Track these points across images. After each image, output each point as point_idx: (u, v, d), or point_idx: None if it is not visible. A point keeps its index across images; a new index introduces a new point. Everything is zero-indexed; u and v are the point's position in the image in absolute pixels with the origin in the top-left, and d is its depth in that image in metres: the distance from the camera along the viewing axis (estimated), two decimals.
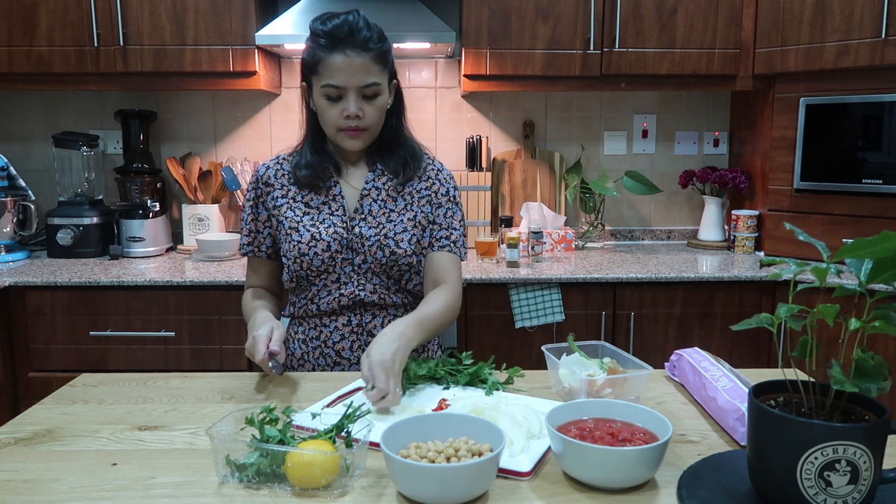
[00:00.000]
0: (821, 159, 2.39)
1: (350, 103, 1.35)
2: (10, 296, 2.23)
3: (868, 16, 2.22)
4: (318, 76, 1.36)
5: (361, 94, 1.36)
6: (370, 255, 1.43)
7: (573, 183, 2.79)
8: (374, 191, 1.47)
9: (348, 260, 1.43)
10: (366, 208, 1.45)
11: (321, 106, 1.38)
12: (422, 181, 1.50)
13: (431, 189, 1.50)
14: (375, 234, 1.43)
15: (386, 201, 1.47)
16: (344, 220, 1.44)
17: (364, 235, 1.43)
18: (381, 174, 1.48)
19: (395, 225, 1.45)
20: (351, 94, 1.35)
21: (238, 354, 2.25)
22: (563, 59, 2.45)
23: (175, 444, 1.05)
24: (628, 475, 0.88)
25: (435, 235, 1.48)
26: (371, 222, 1.44)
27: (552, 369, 1.24)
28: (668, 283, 2.29)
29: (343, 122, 1.37)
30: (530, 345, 2.30)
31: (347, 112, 1.36)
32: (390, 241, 1.43)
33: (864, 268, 0.79)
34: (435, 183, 1.50)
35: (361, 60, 1.34)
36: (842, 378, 0.77)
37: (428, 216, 1.48)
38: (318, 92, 1.37)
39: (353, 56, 1.33)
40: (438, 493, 0.84)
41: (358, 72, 1.34)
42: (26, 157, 2.83)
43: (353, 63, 1.33)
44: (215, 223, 2.71)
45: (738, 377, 1.14)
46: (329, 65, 1.34)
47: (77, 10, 2.38)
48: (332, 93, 1.35)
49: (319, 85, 1.36)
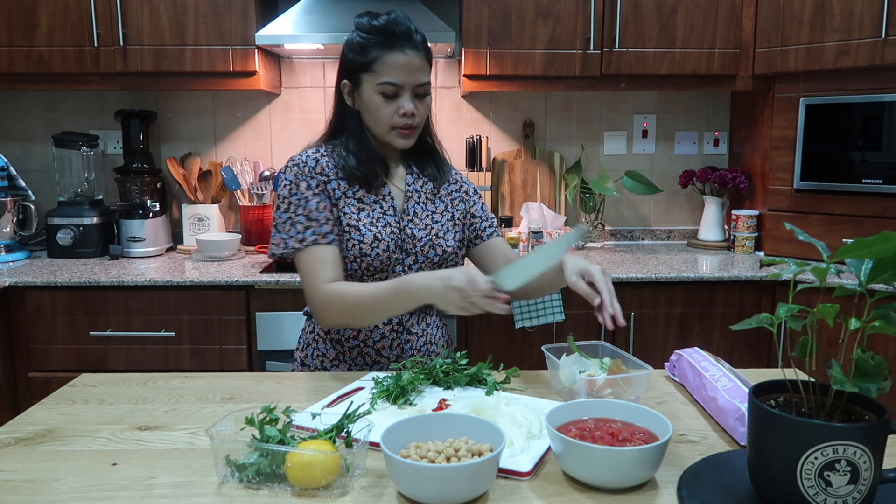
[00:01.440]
0: (821, 159, 2.39)
1: (407, 102, 1.36)
2: (10, 296, 2.23)
3: (868, 16, 2.22)
4: (374, 74, 1.35)
5: (415, 92, 1.37)
6: (422, 255, 1.44)
7: (573, 183, 2.79)
8: (415, 193, 1.48)
9: (400, 260, 1.43)
10: (412, 209, 1.46)
11: (375, 104, 1.37)
12: (451, 184, 1.54)
13: (460, 190, 1.55)
14: (426, 235, 1.45)
15: (426, 204, 1.49)
16: (396, 220, 1.44)
17: (416, 236, 1.44)
18: (419, 177, 1.50)
19: (440, 226, 1.47)
20: (407, 93, 1.36)
21: (238, 354, 2.25)
22: (563, 59, 2.45)
23: (175, 444, 1.05)
24: (628, 475, 0.88)
25: (480, 227, 1.54)
26: (419, 223, 1.45)
27: (552, 369, 1.24)
28: (668, 283, 2.29)
29: (398, 119, 1.37)
30: (530, 345, 2.30)
31: (404, 110, 1.36)
32: (441, 241, 1.45)
33: (864, 268, 0.79)
34: (462, 184, 1.56)
35: (418, 60, 1.36)
36: (842, 378, 0.77)
37: (464, 214, 1.53)
38: (372, 89, 1.36)
39: (412, 55, 1.35)
40: (438, 493, 0.84)
41: (416, 71, 1.35)
42: (26, 157, 2.83)
43: (412, 62, 1.35)
44: (215, 223, 2.71)
45: (738, 377, 1.14)
46: (388, 62, 1.34)
47: (77, 10, 2.38)
48: (390, 90, 1.35)
49: (375, 82, 1.35)
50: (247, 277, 2.22)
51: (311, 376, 1.36)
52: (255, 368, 2.27)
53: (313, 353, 1.49)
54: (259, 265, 2.42)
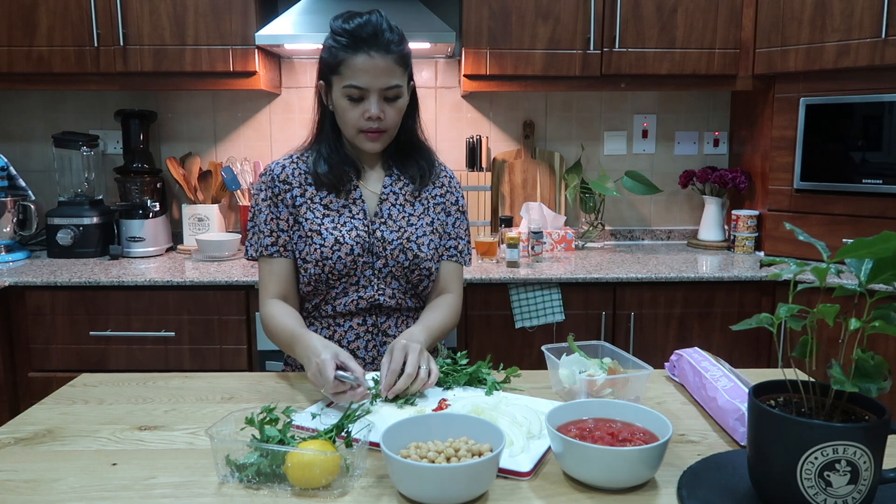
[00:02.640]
0: (821, 159, 2.39)
1: (372, 105, 1.35)
2: (10, 296, 2.23)
3: (868, 16, 2.22)
4: (340, 76, 1.35)
5: (383, 95, 1.36)
6: (392, 259, 1.43)
7: (573, 183, 2.79)
8: (392, 195, 1.47)
9: (369, 264, 1.42)
10: (385, 212, 1.45)
11: (342, 106, 1.37)
12: (436, 187, 1.52)
13: (445, 197, 1.52)
14: (398, 238, 1.43)
15: (404, 206, 1.47)
16: (365, 224, 1.43)
17: (386, 239, 1.43)
18: (398, 179, 1.49)
19: (415, 229, 1.46)
20: (373, 96, 1.35)
21: (238, 354, 2.25)
22: (563, 59, 2.45)
23: (175, 444, 1.05)
24: (628, 475, 0.88)
25: (444, 245, 1.52)
26: (392, 226, 1.44)
27: (552, 369, 1.24)
28: (668, 283, 2.29)
29: (364, 123, 1.37)
30: (530, 345, 2.30)
31: (369, 114, 1.35)
32: (412, 245, 1.44)
33: (864, 268, 0.79)
34: (448, 191, 1.53)
35: (385, 62, 1.34)
36: (842, 378, 0.78)
37: (443, 223, 1.51)
38: (339, 92, 1.36)
39: (378, 58, 1.33)
40: (438, 493, 0.84)
41: (381, 74, 1.34)
42: (26, 157, 2.83)
43: (377, 65, 1.33)
44: (215, 223, 2.71)
45: (738, 377, 1.14)
46: (352, 65, 1.33)
47: (77, 10, 2.38)
48: (355, 93, 1.35)
49: (341, 85, 1.35)
50: (247, 277, 2.22)
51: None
52: (255, 368, 2.27)
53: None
54: None
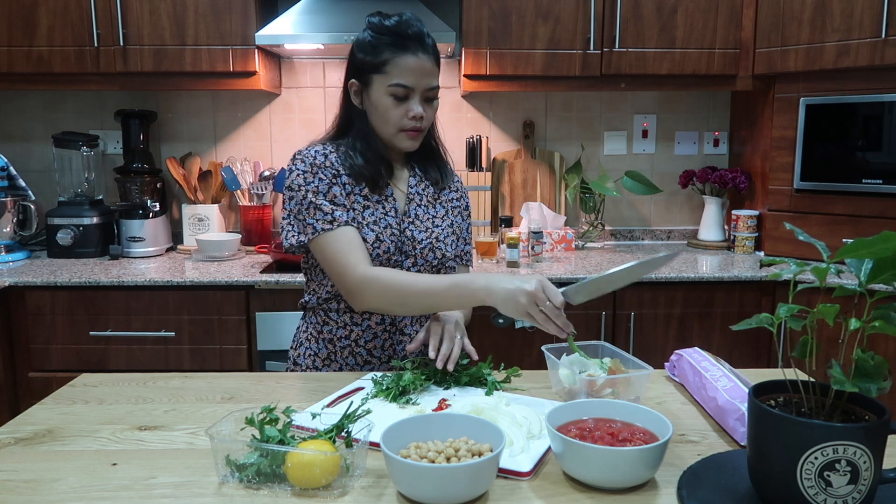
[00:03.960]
0: (821, 159, 2.39)
1: (416, 105, 1.36)
2: (10, 296, 2.23)
3: (868, 16, 2.22)
4: (385, 75, 1.34)
5: (425, 96, 1.37)
6: (421, 258, 1.43)
7: (573, 183, 2.79)
8: (417, 196, 1.48)
9: (399, 262, 1.42)
10: (413, 212, 1.46)
11: (384, 105, 1.36)
12: (451, 191, 1.55)
13: (459, 202, 1.56)
14: (427, 238, 1.44)
15: (428, 207, 1.49)
16: (398, 222, 1.44)
17: (416, 238, 1.43)
18: (421, 180, 1.50)
19: (441, 230, 1.48)
20: (417, 96, 1.36)
21: (238, 354, 2.25)
22: (563, 59, 2.45)
23: (175, 444, 1.05)
24: (628, 475, 0.88)
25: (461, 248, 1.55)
26: (420, 226, 1.45)
27: (552, 369, 1.24)
28: (668, 283, 2.29)
29: (407, 122, 1.37)
30: (530, 345, 2.30)
31: (413, 113, 1.36)
32: (441, 245, 1.46)
33: (864, 268, 0.79)
34: (462, 196, 1.57)
35: (430, 63, 1.36)
36: (842, 378, 0.77)
37: (460, 226, 1.54)
38: (382, 90, 1.35)
39: (424, 58, 1.34)
40: (438, 493, 0.84)
41: (427, 74, 1.35)
42: (26, 157, 2.83)
43: (424, 65, 1.35)
44: (215, 223, 2.71)
45: (738, 377, 1.14)
46: (400, 64, 1.33)
47: (77, 10, 2.38)
48: (401, 92, 1.35)
49: (386, 83, 1.34)
50: (247, 277, 2.22)
51: (310, 376, 1.36)
52: (255, 368, 2.27)
53: (305, 352, 1.49)
54: (259, 265, 2.42)
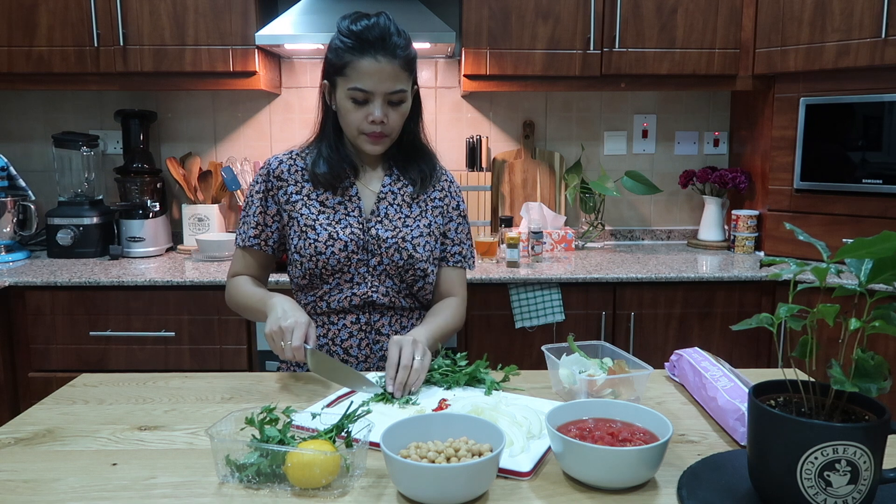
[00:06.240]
0: (821, 159, 2.39)
1: (376, 109, 1.35)
2: (10, 296, 2.23)
3: (868, 16, 2.22)
4: (345, 78, 1.35)
5: (387, 100, 1.36)
6: (386, 257, 1.43)
7: (573, 183, 2.79)
8: (390, 195, 1.48)
9: (363, 261, 1.43)
10: (382, 211, 1.46)
11: (345, 108, 1.38)
12: (436, 190, 1.53)
13: (444, 201, 1.53)
14: (392, 237, 1.44)
15: (402, 206, 1.48)
16: (360, 222, 1.44)
17: (381, 237, 1.43)
18: (398, 179, 1.50)
19: (411, 230, 1.46)
20: (377, 100, 1.35)
21: (238, 354, 2.25)
22: (563, 59, 2.45)
23: (175, 444, 1.05)
24: (628, 475, 0.88)
25: (449, 251, 1.54)
26: (387, 225, 1.45)
27: (552, 369, 1.24)
28: (668, 283, 2.29)
29: (367, 126, 1.37)
30: (530, 345, 2.30)
31: (372, 117, 1.36)
32: (408, 245, 1.44)
33: (864, 268, 0.79)
34: (448, 196, 1.54)
35: (391, 67, 1.34)
36: (842, 378, 0.77)
37: (440, 227, 1.52)
38: (343, 93, 1.37)
39: (384, 62, 1.33)
40: (438, 493, 0.84)
41: (387, 78, 1.34)
42: (26, 157, 2.83)
43: (384, 69, 1.33)
44: (215, 223, 2.71)
45: (738, 377, 1.14)
46: (358, 68, 1.33)
47: (77, 10, 2.38)
48: (359, 96, 1.35)
49: (346, 87, 1.35)
50: None
51: (310, 376, 1.36)
52: (255, 368, 2.27)
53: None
54: None
